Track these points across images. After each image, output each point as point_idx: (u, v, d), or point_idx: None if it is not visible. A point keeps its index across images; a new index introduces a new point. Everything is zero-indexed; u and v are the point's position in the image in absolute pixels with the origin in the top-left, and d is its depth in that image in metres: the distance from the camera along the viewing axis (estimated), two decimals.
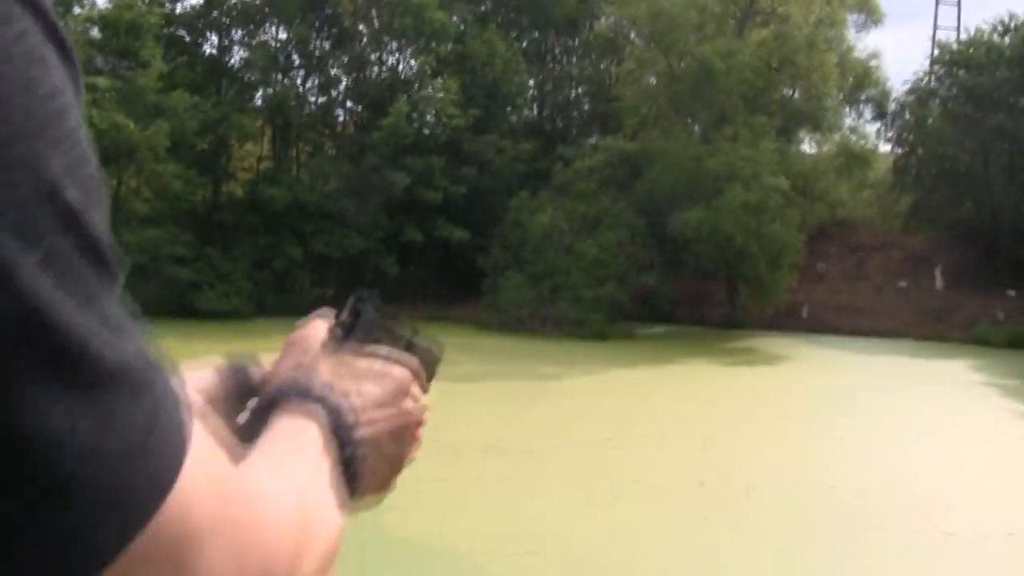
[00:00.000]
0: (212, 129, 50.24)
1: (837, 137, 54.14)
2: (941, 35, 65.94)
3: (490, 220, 48.75)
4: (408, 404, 1.35)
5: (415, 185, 48.83)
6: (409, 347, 1.42)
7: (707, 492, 16.88)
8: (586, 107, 61.80)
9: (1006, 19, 54.55)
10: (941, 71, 58.00)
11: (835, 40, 52.26)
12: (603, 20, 58.94)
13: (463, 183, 49.62)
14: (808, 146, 55.03)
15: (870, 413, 25.93)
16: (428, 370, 1.43)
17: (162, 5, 53.20)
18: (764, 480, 17.62)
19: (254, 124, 54.49)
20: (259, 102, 55.94)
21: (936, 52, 60.72)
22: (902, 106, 58.57)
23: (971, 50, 55.55)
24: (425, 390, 1.42)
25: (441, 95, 51.65)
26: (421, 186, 49.12)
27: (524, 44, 60.09)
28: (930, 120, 56.58)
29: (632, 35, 56.31)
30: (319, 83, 57.84)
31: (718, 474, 17.97)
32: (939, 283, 50.06)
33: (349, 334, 1.38)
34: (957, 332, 45.26)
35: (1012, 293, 47.33)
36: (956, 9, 69.65)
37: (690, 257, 46.12)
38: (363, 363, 1.33)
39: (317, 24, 57.01)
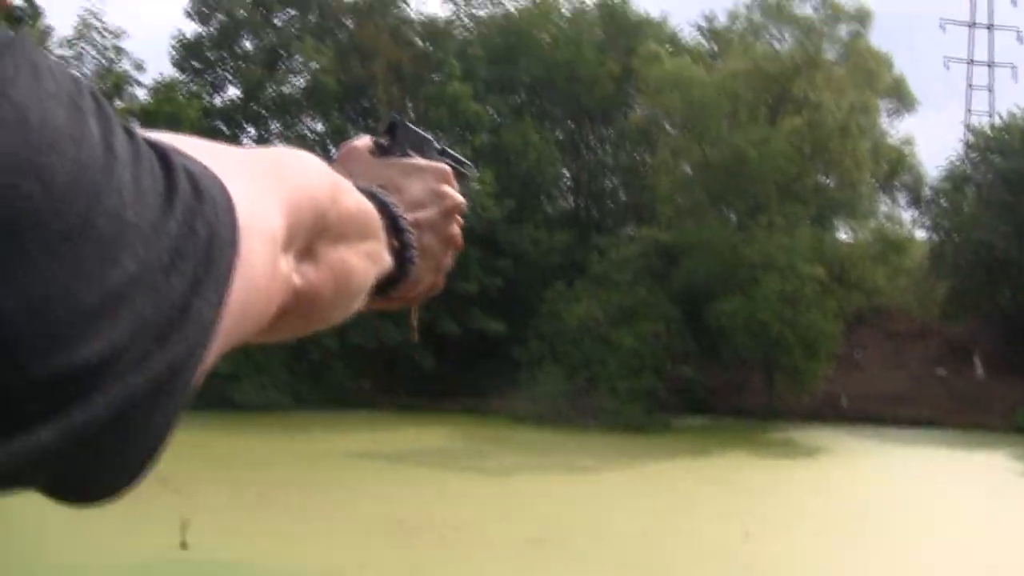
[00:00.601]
0: None
1: (872, 224, 54.03)
2: (974, 120, 66.07)
3: (526, 311, 48.79)
4: (447, 188, 1.46)
5: (450, 276, 48.45)
6: (442, 153, 1.57)
7: None
8: (621, 196, 61.94)
9: None
10: (975, 156, 57.91)
11: (868, 126, 52.36)
12: (637, 110, 59.26)
13: (499, 275, 49.63)
14: (843, 233, 54.98)
15: (910, 506, 25.74)
16: (459, 180, 1.53)
17: (201, 98, 54.04)
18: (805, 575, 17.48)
19: None
20: None
21: (970, 137, 60.69)
22: (937, 192, 58.42)
23: (1005, 135, 55.56)
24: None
25: (476, 186, 52.00)
26: (457, 277, 48.86)
27: (559, 134, 60.44)
28: (965, 206, 56.43)
29: (666, 124, 56.57)
30: None
31: (758, 569, 17.83)
32: (979, 370, 49.69)
33: (390, 147, 1.49)
34: (998, 420, 44.85)
35: None
36: (988, 94, 69.87)
37: (727, 346, 45.97)
38: (405, 164, 1.46)
39: (353, 115, 57.64)
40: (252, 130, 58.49)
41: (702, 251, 46.76)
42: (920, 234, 58.21)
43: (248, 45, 58.93)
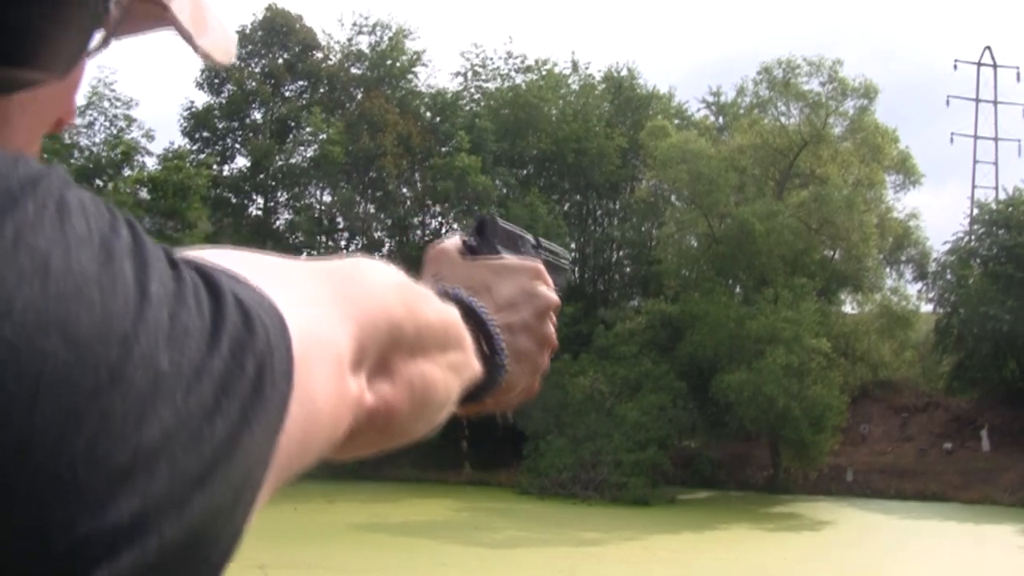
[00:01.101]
0: None
1: (878, 297, 54.16)
2: (980, 194, 66.28)
3: None
4: (540, 287, 1.41)
5: None
6: (537, 247, 1.52)
7: None
8: (627, 269, 62.10)
9: None
10: (981, 231, 58.02)
11: (874, 201, 52.61)
12: (643, 183, 59.52)
13: None
14: (849, 307, 55.07)
15: None
16: (555, 273, 1.50)
17: (210, 167, 54.35)
18: None
19: None
20: None
21: (975, 211, 60.85)
22: (943, 266, 58.47)
23: (1010, 209, 55.71)
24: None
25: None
26: None
27: (566, 207, 60.72)
28: (971, 280, 56.46)
29: (672, 198, 56.78)
30: (363, 245, 58.51)
31: None
32: (985, 444, 49.52)
33: (479, 246, 1.44)
34: (1006, 495, 44.67)
35: None
36: (994, 168, 70.08)
37: (733, 419, 45.87)
38: (495, 264, 1.40)
39: (362, 186, 57.94)
40: (260, 200, 58.84)
41: (708, 324, 46.77)
42: (926, 308, 58.30)
43: (257, 116, 59.43)
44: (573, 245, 60.67)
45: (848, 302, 55.06)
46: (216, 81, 58.58)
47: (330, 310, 0.86)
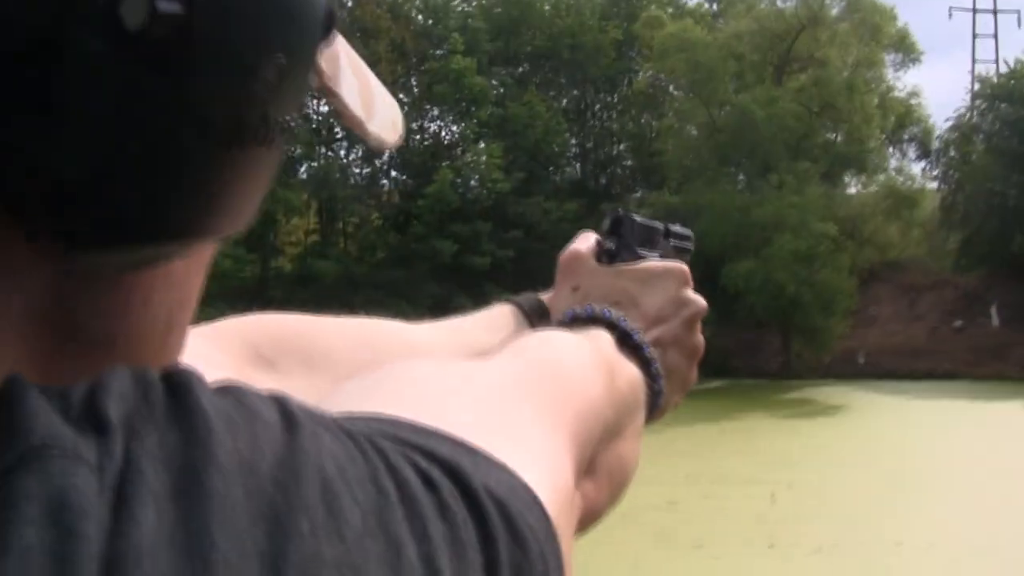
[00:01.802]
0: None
1: (882, 178, 53.79)
2: (980, 69, 65.52)
3: (538, 283, 48.05)
4: (688, 293, 1.30)
5: (462, 251, 48.92)
6: (668, 235, 1.44)
7: (777, 553, 16.66)
8: (629, 163, 61.76)
9: None
10: (983, 105, 57.57)
11: (874, 81, 52.11)
12: (641, 75, 59.02)
13: (510, 247, 49.56)
14: (854, 189, 54.76)
15: (934, 461, 25.62)
16: (683, 257, 1.42)
17: None
18: (834, 537, 17.39)
19: (299, 198, 54.75)
20: (303, 176, 56.31)
21: (976, 86, 60.33)
22: (946, 143, 58.07)
23: (1012, 83, 55.20)
24: None
25: (484, 160, 51.91)
26: (468, 252, 49.16)
27: (564, 103, 60.26)
28: (974, 156, 56.11)
29: (671, 88, 56.37)
30: (362, 154, 58.21)
31: (787, 533, 17.74)
32: (995, 320, 49.47)
33: (618, 250, 1.36)
34: (1017, 370, 44.68)
35: None
36: (993, 42, 69.34)
37: (742, 308, 45.78)
38: (640, 272, 1.31)
39: None
40: None
41: (713, 213, 46.43)
42: (931, 186, 57.94)
43: None
44: (573, 141, 60.31)
45: (852, 184, 54.77)
46: None
47: (554, 439, 0.72)
